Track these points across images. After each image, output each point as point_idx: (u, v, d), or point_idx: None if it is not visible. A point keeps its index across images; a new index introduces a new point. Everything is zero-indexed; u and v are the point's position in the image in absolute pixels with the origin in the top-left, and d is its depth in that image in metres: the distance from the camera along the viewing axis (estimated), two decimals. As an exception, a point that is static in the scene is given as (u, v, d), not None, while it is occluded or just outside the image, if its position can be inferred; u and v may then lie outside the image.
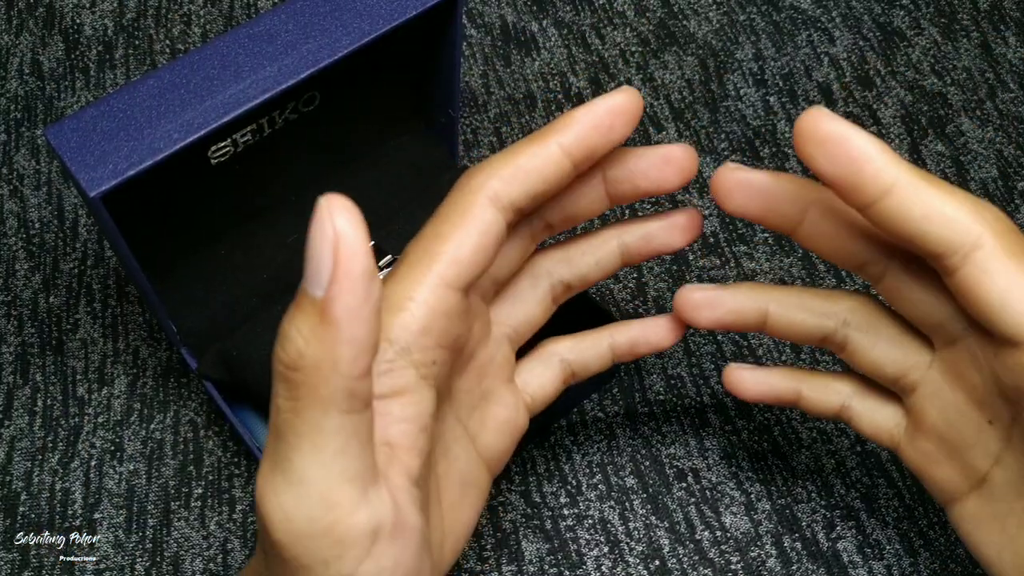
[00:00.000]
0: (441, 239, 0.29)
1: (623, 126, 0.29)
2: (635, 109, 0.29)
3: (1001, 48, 0.59)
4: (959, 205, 0.26)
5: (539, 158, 0.29)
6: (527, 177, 0.29)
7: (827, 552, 0.43)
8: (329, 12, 0.38)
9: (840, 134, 0.26)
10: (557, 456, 0.45)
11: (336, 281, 0.22)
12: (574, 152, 0.29)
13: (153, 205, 0.40)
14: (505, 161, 0.29)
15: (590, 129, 0.29)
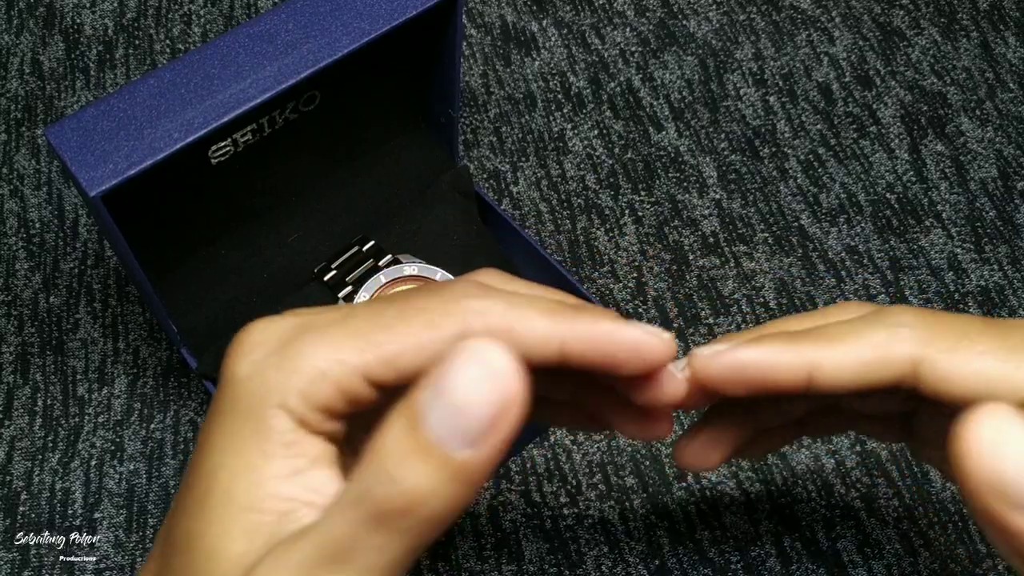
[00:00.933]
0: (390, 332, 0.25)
1: (633, 366, 0.26)
2: (659, 359, 0.25)
3: (1001, 48, 0.59)
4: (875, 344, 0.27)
5: (537, 337, 0.25)
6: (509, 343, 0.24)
7: (827, 552, 0.43)
8: (329, 12, 0.38)
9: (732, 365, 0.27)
10: (557, 456, 0.45)
11: (489, 446, 0.20)
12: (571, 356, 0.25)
13: (153, 205, 0.40)
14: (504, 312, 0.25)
15: (600, 351, 0.25)
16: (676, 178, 0.54)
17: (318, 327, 0.25)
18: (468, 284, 0.26)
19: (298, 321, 0.26)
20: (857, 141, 0.55)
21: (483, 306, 0.25)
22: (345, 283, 0.44)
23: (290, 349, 0.25)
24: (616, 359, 0.25)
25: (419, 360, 0.24)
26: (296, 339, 0.25)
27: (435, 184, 0.48)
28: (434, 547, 0.43)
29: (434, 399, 0.21)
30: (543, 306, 0.25)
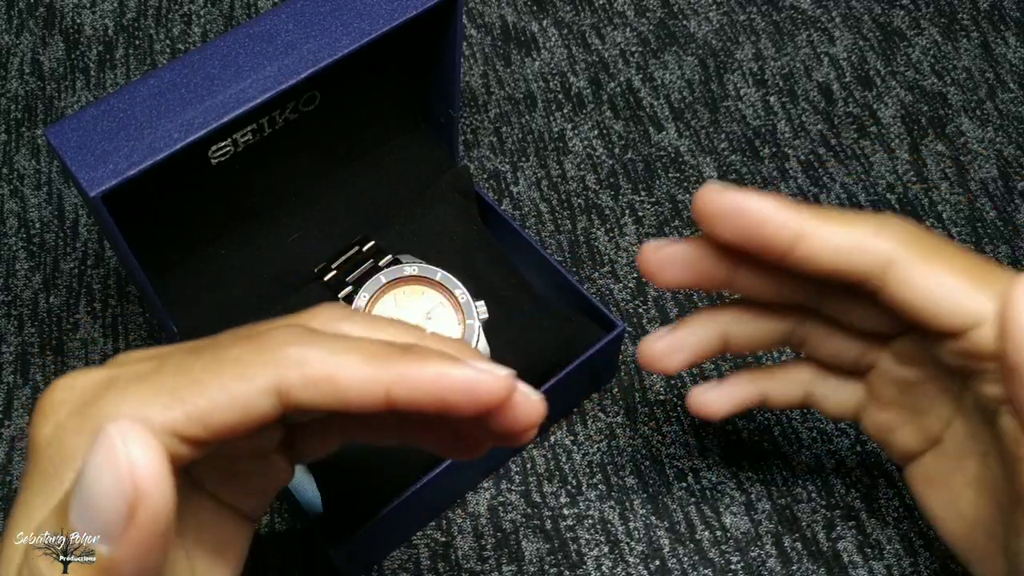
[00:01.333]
0: (198, 385, 0.23)
1: (468, 409, 0.24)
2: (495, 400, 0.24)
3: (1001, 48, 0.59)
4: (864, 231, 0.28)
5: (360, 384, 0.23)
6: (332, 393, 0.23)
7: (827, 552, 0.43)
8: (329, 12, 0.38)
9: (735, 205, 0.28)
10: (557, 456, 0.45)
11: (130, 542, 0.19)
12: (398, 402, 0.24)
13: (153, 205, 0.40)
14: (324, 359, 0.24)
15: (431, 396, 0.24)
16: (676, 178, 0.54)
17: (122, 383, 0.24)
18: (289, 330, 0.25)
19: (103, 376, 0.24)
20: (857, 141, 0.55)
21: (300, 354, 0.24)
22: (345, 283, 0.44)
23: (91, 409, 0.23)
24: (448, 402, 0.24)
25: (232, 416, 0.23)
26: (98, 398, 0.24)
27: (435, 184, 0.48)
28: (434, 547, 0.43)
29: (76, 491, 0.20)
30: (368, 351, 0.24)
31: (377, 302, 0.43)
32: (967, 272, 0.28)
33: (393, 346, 0.24)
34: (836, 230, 0.28)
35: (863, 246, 0.28)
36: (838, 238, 0.28)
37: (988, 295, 0.28)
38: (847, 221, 0.29)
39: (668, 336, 0.35)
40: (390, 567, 0.43)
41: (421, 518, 0.43)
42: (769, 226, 0.28)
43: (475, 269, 0.46)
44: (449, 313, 0.43)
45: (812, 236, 0.28)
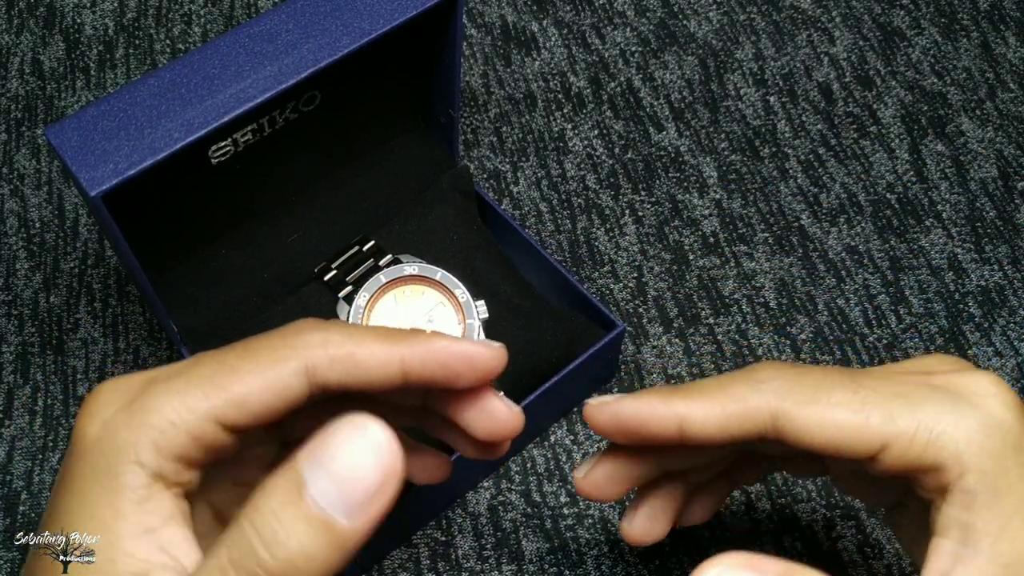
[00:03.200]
0: (235, 373, 0.25)
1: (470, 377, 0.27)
2: (493, 367, 0.28)
3: (1001, 48, 0.59)
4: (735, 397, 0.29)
5: (377, 359, 0.26)
6: (354, 369, 0.26)
7: (827, 552, 0.43)
8: (329, 12, 0.38)
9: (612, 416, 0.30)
10: (557, 456, 0.45)
11: (369, 516, 0.22)
12: (411, 374, 0.27)
13: (153, 205, 0.40)
14: (343, 340, 0.26)
15: (438, 365, 0.27)
16: (676, 178, 0.54)
17: (163, 379, 0.26)
18: (307, 321, 0.27)
19: (144, 377, 0.26)
20: (857, 141, 0.55)
21: (322, 337, 0.26)
22: (345, 283, 0.44)
23: (137, 405, 0.25)
24: (453, 370, 0.27)
25: (268, 398, 0.25)
26: (143, 394, 0.25)
27: (435, 184, 0.48)
28: (434, 546, 0.43)
29: (317, 468, 0.21)
30: (380, 331, 0.27)
31: (377, 301, 0.43)
32: (848, 400, 0.28)
33: (399, 329, 0.28)
34: (712, 405, 0.29)
35: (742, 413, 0.29)
36: (716, 414, 0.29)
37: (879, 416, 0.28)
38: (719, 391, 0.29)
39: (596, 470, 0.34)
40: (390, 567, 0.43)
41: (421, 518, 0.43)
42: (651, 423, 0.29)
43: (475, 269, 0.46)
44: (449, 313, 0.43)
45: (691, 418, 0.29)
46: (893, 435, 0.27)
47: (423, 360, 0.27)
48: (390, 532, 0.41)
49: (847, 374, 0.29)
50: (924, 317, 0.49)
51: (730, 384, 0.29)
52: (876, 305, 0.50)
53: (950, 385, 0.28)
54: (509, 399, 0.30)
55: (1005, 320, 0.49)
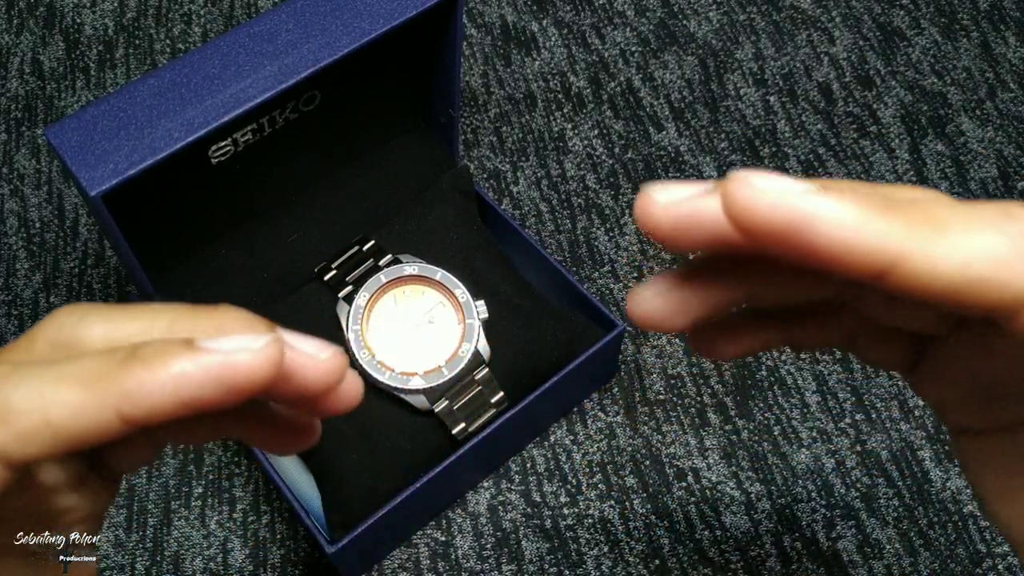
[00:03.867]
0: None
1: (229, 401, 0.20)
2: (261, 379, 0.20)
3: (1001, 48, 0.59)
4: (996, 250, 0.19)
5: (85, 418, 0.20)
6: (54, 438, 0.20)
7: (827, 552, 0.43)
8: (329, 12, 0.38)
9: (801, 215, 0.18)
10: (557, 456, 0.45)
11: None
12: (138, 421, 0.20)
13: (153, 205, 0.40)
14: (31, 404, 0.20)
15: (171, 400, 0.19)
16: (676, 178, 0.54)
17: None
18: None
19: None
20: (857, 141, 0.55)
21: (4, 405, 0.20)
22: (345, 283, 0.44)
23: None
24: (201, 401, 0.19)
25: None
26: None
27: (435, 184, 0.48)
28: (434, 546, 0.43)
29: None
30: (84, 372, 0.20)
31: (377, 301, 0.43)
32: None
33: (114, 355, 0.20)
34: (951, 251, 0.18)
35: (999, 272, 0.18)
36: (960, 262, 0.18)
37: None
38: (961, 229, 0.18)
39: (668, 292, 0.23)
40: (390, 567, 0.43)
41: (421, 518, 0.43)
42: (854, 251, 0.18)
43: (475, 269, 0.46)
44: (449, 312, 0.43)
45: (914, 261, 0.18)
46: None
47: (148, 403, 0.19)
48: (390, 532, 0.41)
49: None
50: (924, 317, 0.49)
51: (975, 217, 0.18)
52: (876, 305, 0.50)
53: None
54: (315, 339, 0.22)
55: (1005, 320, 0.49)
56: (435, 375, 0.41)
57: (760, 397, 0.47)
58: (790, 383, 0.47)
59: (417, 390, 0.41)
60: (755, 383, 0.47)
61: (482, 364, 0.42)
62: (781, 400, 0.47)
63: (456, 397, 0.41)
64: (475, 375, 0.42)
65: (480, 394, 0.42)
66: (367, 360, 0.41)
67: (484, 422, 0.42)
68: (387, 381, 0.41)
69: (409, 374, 0.41)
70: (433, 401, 0.41)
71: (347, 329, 0.42)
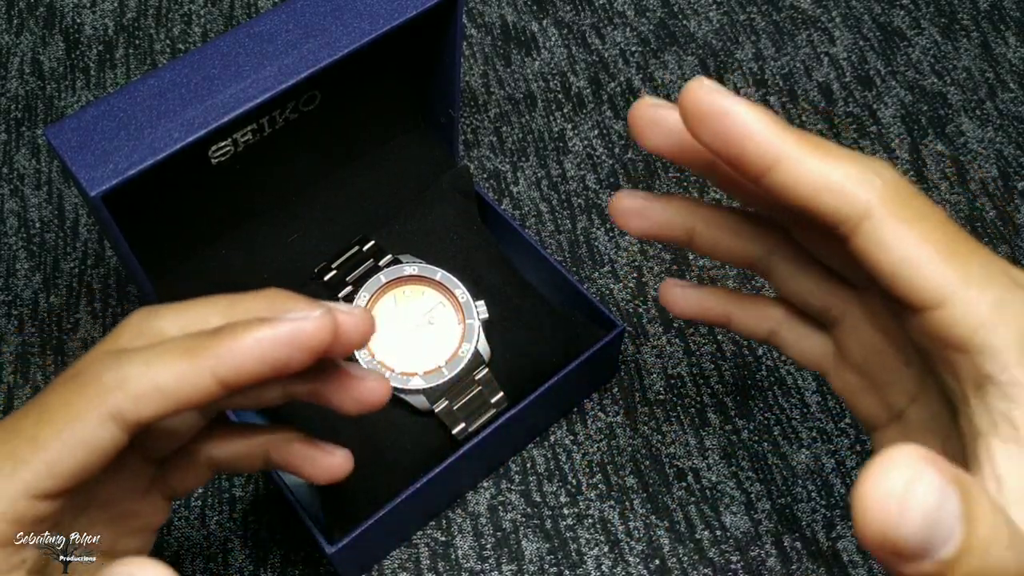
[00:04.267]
0: (35, 443, 0.24)
1: (301, 360, 0.25)
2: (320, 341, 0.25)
3: (1001, 48, 0.59)
4: (846, 172, 0.25)
5: (186, 380, 0.24)
6: (163, 400, 0.24)
7: (827, 552, 0.43)
8: (329, 12, 0.38)
9: (721, 108, 0.25)
10: (557, 456, 0.45)
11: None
12: (230, 382, 0.25)
13: (153, 205, 0.40)
14: (142, 373, 0.24)
15: (256, 362, 0.25)
16: (676, 178, 0.54)
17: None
18: (100, 358, 0.26)
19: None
20: (857, 141, 0.55)
21: (117, 377, 0.24)
22: (345, 283, 0.44)
23: None
24: (277, 363, 0.25)
25: (79, 458, 0.24)
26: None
27: (435, 184, 0.48)
28: (434, 546, 0.43)
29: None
30: (181, 347, 0.25)
31: (377, 301, 0.43)
32: (944, 244, 0.25)
33: (203, 333, 0.25)
34: (818, 164, 0.25)
35: (842, 189, 0.25)
36: (817, 173, 0.25)
37: (959, 275, 0.25)
38: (833, 157, 0.25)
39: (640, 200, 0.33)
40: (390, 567, 0.43)
41: (421, 518, 0.43)
42: (750, 142, 0.25)
43: (475, 269, 0.46)
44: (449, 313, 0.43)
45: (790, 164, 0.25)
46: (956, 298, 0.25)
47: (237, 365, 0.24)
48: (390, 532, 0.41)
49: (955, 227, 0.26)
50: (924, 317, 0.49)
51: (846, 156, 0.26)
52: (876, 305, 0.50)
53: None
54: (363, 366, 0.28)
55: (1005, 320, 0.49)
56: (435, 375, 0.41)
57: (760, 397, 0.47)
58: (790, 383, 0.47)
59: (417, 390, 0.41)
60: (755, 383, 0.47)
61: (482, 364, 0.42)
62: (781, 400, 0.47)
63: (456, 397, 0.41)
64: (475, 375, 0.42)
65: (480, 394, 0.42)
66: (367, 360, 0.41)
67: (484, 422, 0.42)
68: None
69: (409, 374, 0.41)
70: (433, 401, 0.41)
71: (347, 329, 0.42)
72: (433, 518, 0.44)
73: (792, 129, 0.26)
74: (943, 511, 0.19)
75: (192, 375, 0.24)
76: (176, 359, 0.25)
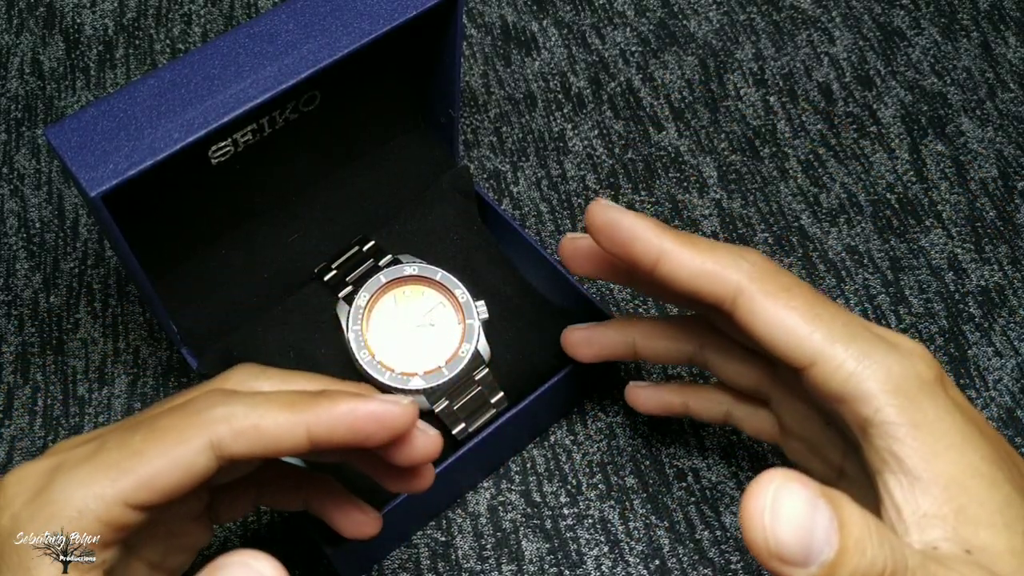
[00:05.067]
0: (141, 456, 0.26)
1: (380, 436, 0.28)
2: (402, 425, 0.28)
3: (1001, 48, 0.59)
4: (717, 259, 0.31)
5: (282, 429, 0.27)
6: (259, 440, 0.27)
7: (827, 552, 0.43)
8: (329, 12, 0.38)
9: (613, 219, 0.32)
10: (557, 456, 0.45)
11: None
12: (319, 440, 0.28)
13: (153, 205, 0.40)
14: (247, 412, 0.27)
15: (346, 428, 0.27)
16: (676, 178, 0.54)
17: (68, 467, 0.27)
18: (212, 394, 0.28)
19: (50, 463, 0.27)
20: (857, 141, 0.55)
21: (226, 412, 0.27)
22: (345, 283, 0.44)
23: (44, 496, 0.26)
24: (361, 431, 0.28)
25: (175, 477, 0.26)
26: (49, 484, 0.26)
27: (435, 184, 0.48)
28: (434, 546, 0.43)
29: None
30: (284, 400, 0.28)
31: (377, 302, 0.43)
32: (807, 310, 0.30)
33: (306, 393, 0.28)
34: (692, 255, 0.31)
35: (715, 274, 0.31)
36: (693, 263, 0.31)
37: (824, 334, 0.29)
38: (705, 249, 0.31)
39: (585, 331, 0.40)
40: (390, 567, 0.43)
41: (421, 518, 0.43)
42: (637, 243, 0.32)
43: (475, 269, 0.46)
44: (449, 313, 0.43)
45: (671, 257, 0.31)
46: (826, 355, 0.29)
47: (330, 427, 0.27)
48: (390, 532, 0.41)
49: (817, 295, 0.31)
50: (924, 317, 0.49)
51: (718, 248, 0.32)
52: (876, 305, 0.50)
53: (888, 337, 0.30)
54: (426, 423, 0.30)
55: (1005, 320, 0.49)
56: (435, 375, 0.41)
57: (760, 397, 0.47)
58: (790, 383, 0.47)
59: (417, 390, 0.41)
60: (755, 383, 0.47)
61: (482, 364, 0.42)
62: (781, 400, 0.47)
63: (456, 397, 0.41)
64: (475, 375, 0.42)
65: (480, 394, 0.42)
66: (367, 360, 0.41)
67: (484, 422, 0.42)
68: (387, 381, 0.41)
69: (409, 374, 0.41)
70: (433, 401, 0.41)
71: (347, 329, 0.42)
72: (433, 518, 0.44)
73: (673, 231, 0.32)
74: (815, 520, 0.22)
75: (289, 425, 0.27)
76: (279, 409, 0.27)
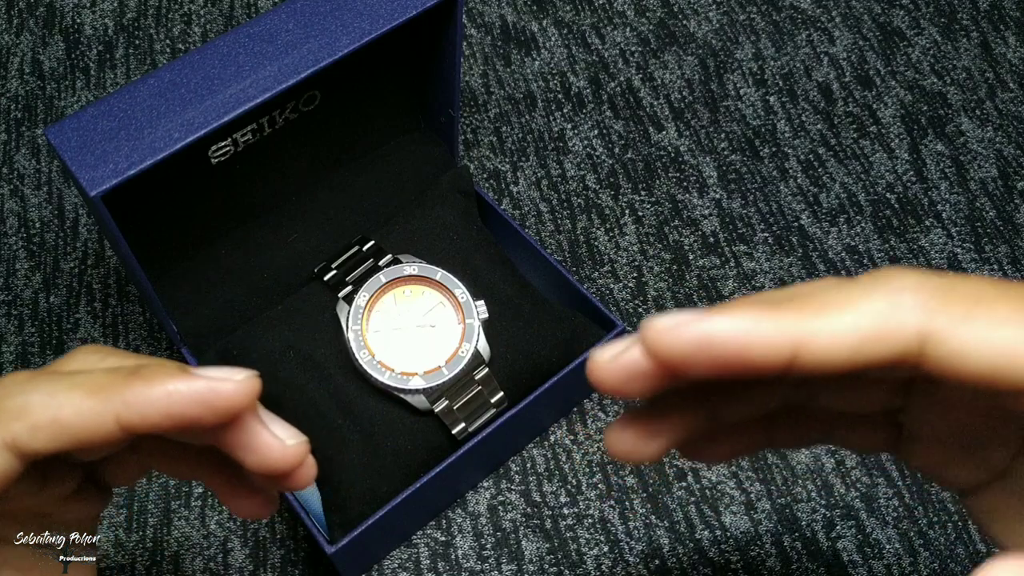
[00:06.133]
0: None
1: (209, 420, 0.24)
2: (237, 403, 0.24)
3: (1001, 48, 0.59)
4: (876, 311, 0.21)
5: (86, 419, 0.23)
6: (61, 433, 0.23)
7: (827, 552, 0.43)
8: (329, 12, 0.38)
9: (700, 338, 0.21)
10: (557, 456, 0.45)
11: None
12: (134, 428, 0.23)
13: (153, 205, 0.40)
14: (45, 403, 0.23)
15: (161, 414, 0.23)
16: (676, 178, 0.54)
17: None
18: (19, 379, 0.24)
19: None
20: (857, 141, 0.55)
21: (20, 404, 0.23)
22: (345, 283, 0.44)
23: None
24: (184, 415, 0.23)
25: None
26: None
27: (435, 184, 0.48)
28: (434, 546, 0.43)
29: None
30: (91, 383, 0.24)
31: (377, 301, 0.43)
32: (1017, 316, 0.21)
33: (120, 371, 0.24)
34: (842, 321, 0.21)
35: (883, 331, 0.21)
36: (847, 332, 0.21)
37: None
38: (850, 304, 0.21)
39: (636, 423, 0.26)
40: (390, 567, 0.43)
41: (421, 518, 0.43)
42: (754, 348, 0.21)
43: (475, 269, 0.46)
44: (449, 313, 0.43)
45: (814, 340, 0.21)
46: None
47: (142, 412, 0.23)
48: (390, 532, 0.41)
49: (1000, 284, 0.22)
50: (924, 317, 0.49)
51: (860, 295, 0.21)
52: (876, 305, 0.50)
53: None
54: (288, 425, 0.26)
55: (1005, 320, 0.49)
56: (435, 375, 0.41)
57: (760, 397, 0.47)
58: (790, 383, 0.47)
59: (417, 390, 0.41)
60: (755, 383, 0.47)
61: (482, 364, 0.42)
62: (781, 400, 0.47)
63: (456, 397, 0.41)
64: (475, 375, 0.42)
65: (480, 394, 0.42)
66: (367, 360, 0.41)
67: (484, 422, 0.42)
68: (387, 381, 0.41)
69: (409, 374, 0.41)
70: (433, 401, 0.41)
71: (347, 329, 0.42)
72: (433, 518, 0.44)
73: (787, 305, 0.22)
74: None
75: (93, 415, 0.23)
76: (82, 395, 0.23)
